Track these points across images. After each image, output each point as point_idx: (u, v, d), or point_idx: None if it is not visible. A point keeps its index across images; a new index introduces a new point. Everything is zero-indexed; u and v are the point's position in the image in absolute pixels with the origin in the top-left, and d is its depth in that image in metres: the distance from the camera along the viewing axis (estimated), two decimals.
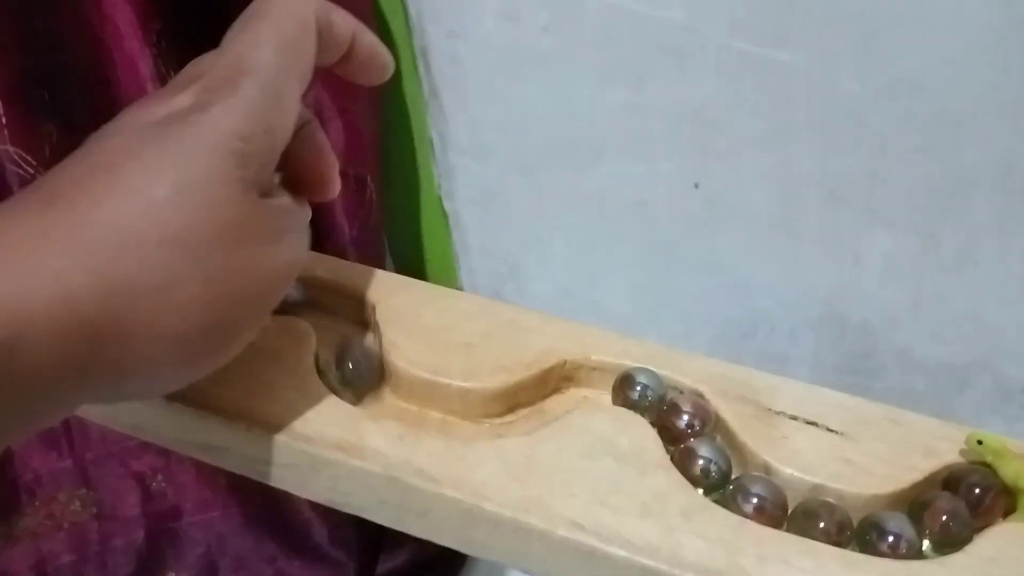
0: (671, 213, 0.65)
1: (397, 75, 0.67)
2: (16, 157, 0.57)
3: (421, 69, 0.65)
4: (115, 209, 0.25)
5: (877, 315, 0.64)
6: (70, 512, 0.68)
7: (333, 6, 0.32)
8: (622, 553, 0.28)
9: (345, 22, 0.33)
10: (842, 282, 0.64)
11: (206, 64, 0.30)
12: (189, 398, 0.31)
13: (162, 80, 0.54)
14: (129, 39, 0.52)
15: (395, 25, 0.64)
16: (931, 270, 0.61)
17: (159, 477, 0.69)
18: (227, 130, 0.27)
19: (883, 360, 0.66)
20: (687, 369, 0.35)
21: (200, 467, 0.68)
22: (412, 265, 0.76)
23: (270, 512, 0.71)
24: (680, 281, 0.67)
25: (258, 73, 0.28)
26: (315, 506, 0.70)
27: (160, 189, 0.25)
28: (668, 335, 0.70)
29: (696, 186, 0.63)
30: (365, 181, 0.62)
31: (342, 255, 0.63)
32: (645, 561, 0.28)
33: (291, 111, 0.30)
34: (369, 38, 0.34)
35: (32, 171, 0.57)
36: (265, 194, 0.28)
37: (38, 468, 0.67)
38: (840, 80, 0.56)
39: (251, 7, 0.31)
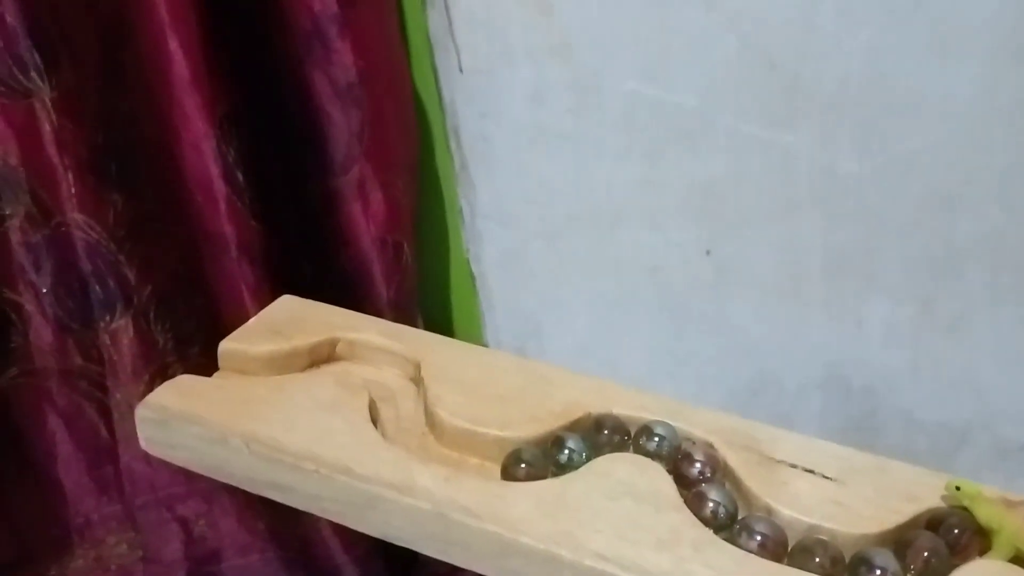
0: (684, 279, 0.69)
1: (430, 150, 0.73)
2: (83, 224, 0.62)
3: (453, 145, 0.71)
4: None
5: (879, 377, 0.68)
6: (117, 555, 0.72)
7: None
8: None
9: None
10: (845, 345, 0.67)
11: None
12: (264, 442, 0.36)
13: (223, 158, 0.59)
14: (195, 120, 0.58)
15: (430, 106, 0.70)
16: (928, 335, 0.65)
17: (202, 522, 0.72)
18: None
19: (886, 420, 0.70)
20: (699, 422, 0.39)
21: (241, 512, 0.72)
22: (441, 323, 0.80)
23: (305, 557, 0.74)
24: (693, 342, 0.72)
25: None
26: (348, 551, 0.74)
27: None
28: (682, 393, 0.73)
29: (708, 253, 0.68)
30: (402, 247, 0.67)
31: (379, 315, 0.68)
32: None
33: None
34: None
35: (96, 237, 0.62)
36: None
37: (90, 513, 0.71)
38: (840, 160, 0.61)
39: None
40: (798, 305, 0.67)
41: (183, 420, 0.37)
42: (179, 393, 0.38)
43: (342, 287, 0.67)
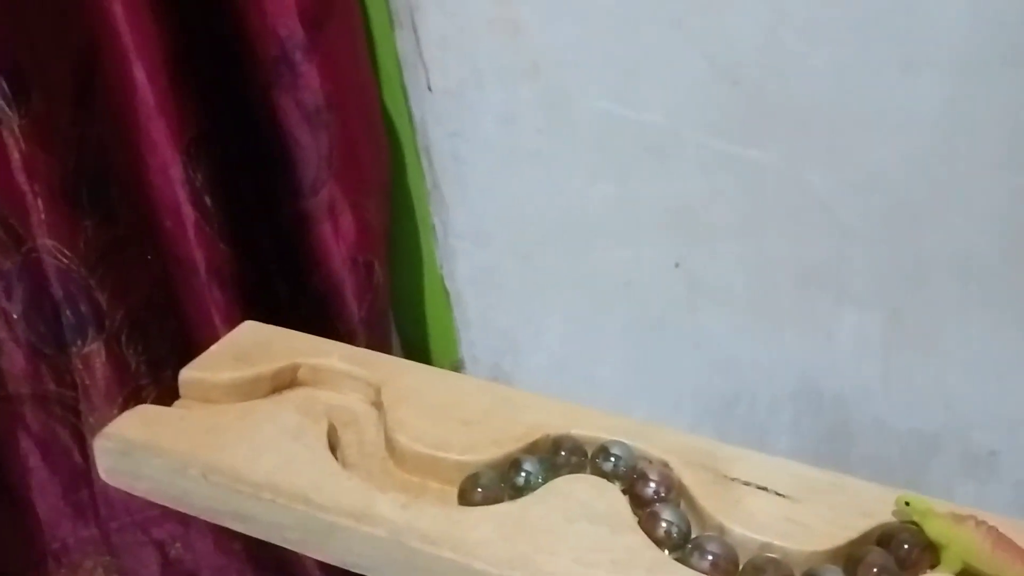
0: (656, 294, 0.70)
1: (402, 170, 0.73)
2: (53, 250, 0.62)
3: (424, 164, 0.71)
4: None
5: (850, 387, 0.69)
6: None
7: None
8: None
9: None
10: (817, 357, 0.68)
11: None
12: (223, 472, 0.36)
13: (190, 184, 0.60)
14: (162, 146, 0.58)
15: (400, 125, 0.71)
16: (898, 346, 0.65)
17: (178, 544, 0.73)
18: None
19: (858, 430, 0.70)
20: (658, 441, 0.40)
21: (217, 535, 0.72)
22: (416, 341, 0.81)
23: None
24: (666, 356, 0.72)
25: None
26: (325, 571, 0.74)
27: None
28: (656, 406, 0.74)
29: (676, 265, 0.68)
30: (373, 266, 0.67)
31: (352, 334, 0.68)
32: None
33: None
34: None
35: (67, 262, 0.62)
36: None
37: (65, 536, 0.71)
38: (808, 174, 0.62)
39: None
40: (769, 318, 0.68)
41: (143, 451, 0.37)
42: (140, 423, 0.39)
43: (315, 308, 0.68)
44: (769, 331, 0.68)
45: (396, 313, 0.77)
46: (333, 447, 0.39)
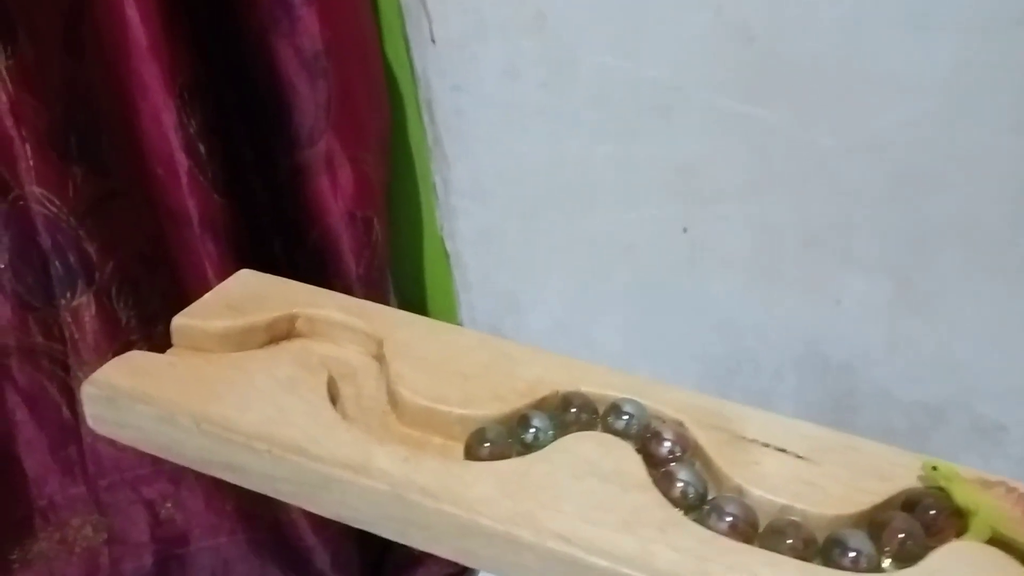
0: (659, 256, 0.68)
1: (403, 124, 0.71)
2: (42, 198, 0.60)
3: (426, 119, 0.69)
4: None
5: (856, 355, 0.68)
6: (82, 537, 0.71)
7: None
8: (603, 563, 0.31)
9: None
10: (823, 323, 0.67)
11: None
12: (215, 422, 0.35)
13: (184, 130, 0.58)
14: (154, 91, 0.56)
15: (402, 77, 0.69)
16: (905, 313, 0.64)
17: (168, 504, 0.71)
18: None
19: (863, 399, 0.69)
20: (669, 400, 0.38)
21: (209, 494, 0.71)
22: (415, 301, 0.79)
23: (275, 539, 0.73)
24: (669, 320, 0.71)
25: None
26: (318, 532, 0.73)
27: None
28: (657, 371, 0.73)
29: (685, 231, 0.67)
30: (372, 222, 0.65)
31: (349, 292, 0.67)
32: (624, 570, 0.31)
33: None
34: None
35: (56, 211, 0.61)
36: None
37: (53, 494, 0.69)
38: (816, 136, 0.60)
39: None
40: (774, 283, 0.66)
41: (131, 398, 0.36)
42: (128, 370, 0.37)
43: (311, 263, 0.66)
44: (774, 296, 0.67)
45: (394, 273, 0.75)
46: (332, 400, 0.37)
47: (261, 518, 0.72)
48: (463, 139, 0.69)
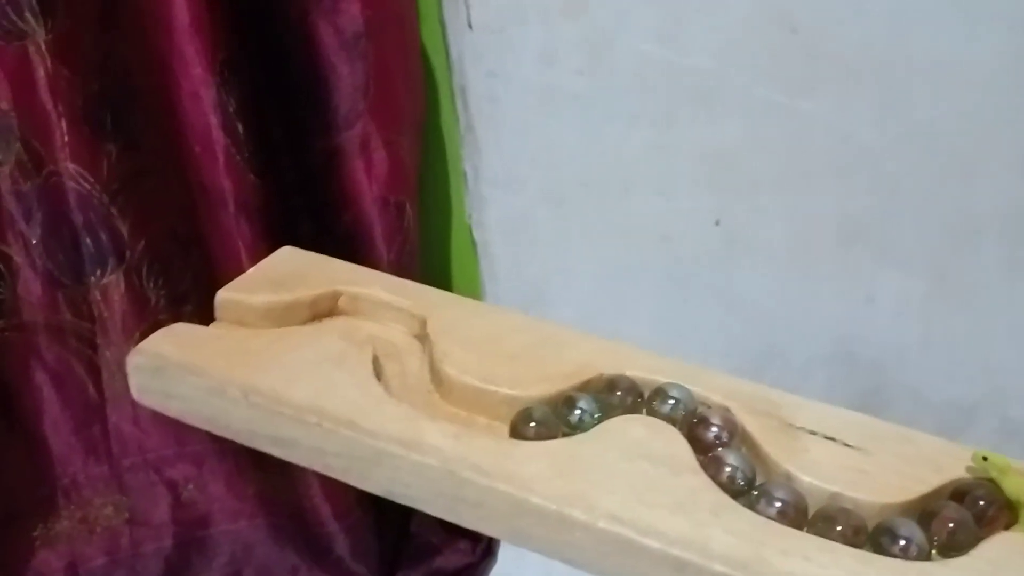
0: (692, 248, 0.68)
1: (435, 110, 0.71)
2: (75, 174, 0.60)
3: (459, 105, 0.69)
4: None
5: (887, 353, 0.67)
6: (103, 516, 0.71)
7: None
8: (656, 544, 0.31)
9: None
10: (854, 320, 0.66)
11: None
12: (264, 393, 0.34)
13: (223, 108, 0.57)
14: (194, 67, 0.56)
15: (436, 63, 0.68)
16: (941, 311, 0.64)
17: (191, 486, 0.71)
18: None
19: (892, 397, 0.69)
20: (715, 386, 0.38)
21: (231, 478, 0.70)
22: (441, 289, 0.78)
23: (295, 524, 0.73)
24: (699, 313, 0.70)
25: None
26: (338, 519, 0.73)
27: None
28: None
29: (717, 223, 0.66)
30: (404, 208, 0.65)
31: None
32: (677, 552, 0.30)
33: None
34: None
35: (89, 188, 0.60)
36: None
37: (76, 473, 0.69)
38: (858, 127, 0.59)
39: None
40: (808, 277, 0.66)
41: (179, 368, 0.35)
42: (175, 341, 0.37)
43: (342, 247, 0.66)
44: (807, 290, 0.67)
45: (421, 262, 0.75)
46: (377, 377, 0.37)
47: (282, 503, 0.71)
48: (496, 126, 0.69)
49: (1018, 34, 0.53)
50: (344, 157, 0.62)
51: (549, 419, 0.36)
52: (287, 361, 0.36)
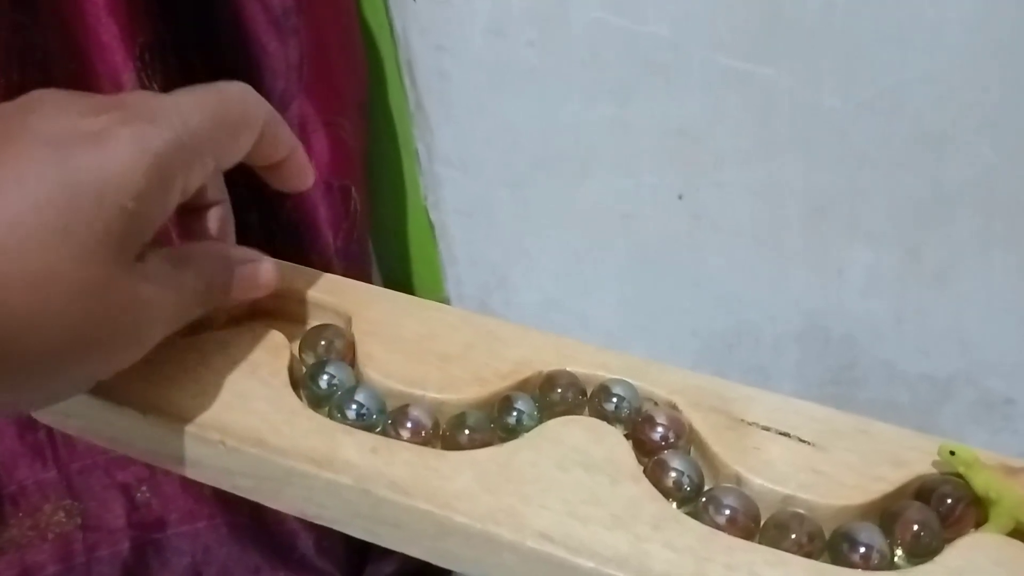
0: (656, 227, 0.65)
1: (382, 87, 0.68)
2: None
3: (407, 81, 0.66)
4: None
5: (860, 328, 0.65)
6: (55, 522, 0.68)
7: (283, 122, 0.34)
8: (590, 564, 0.28)
9: (288, 139, 0.34)
10: (825, 295, 0.64)
11: (134, 98, 0.30)
12: (166, 410, 0.32)
13: None
14: (112, 52, 0.53)
15: (380, 37, 0.65)
16: (913, 284, 0.61)
17: (144, 488, 0.69)
18: (123, 182, 0.27)
19: (866, 372, 0.67)
20: (662, 381, 0.35)
21: (185, 478, 0.68)
22: (399, 276, 0.76)
23: (255, 523, 0.71)
24: (666, 293, 0.68)
25: (183, 128, 0.28)
26: (299, 518, 0.70)
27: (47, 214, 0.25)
28: (654, 346, 0.70)
29: (680, 198, 0.63)
30: (349, 192, 0.62)
31: (327, 266, 0.63)
32: (613, 572, 0.28)
33: (192, 182, 0.30)
34: (301, 158, 0.36)
35: None
36: (138, 256, 0.28)
37: (23, 479, 0.67)
38: (823, 96, 0.57)
39: (213, 84, 0.31)
40: (776, 253, 0.63)
41: None
42: None
43: (288, 235, 0.63)
44: (775, 267, 0.64)
45: (376, 248, 0.72)
46: (295, 384, 0.34)
47: (240, 502, 0.69)
48: (447, 103, 0.66)
49: None
50: None
51: (483, 425, 0.33)
52: (193, 370, 0.33)
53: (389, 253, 0.75)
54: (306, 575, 0.72)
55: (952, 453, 0.31)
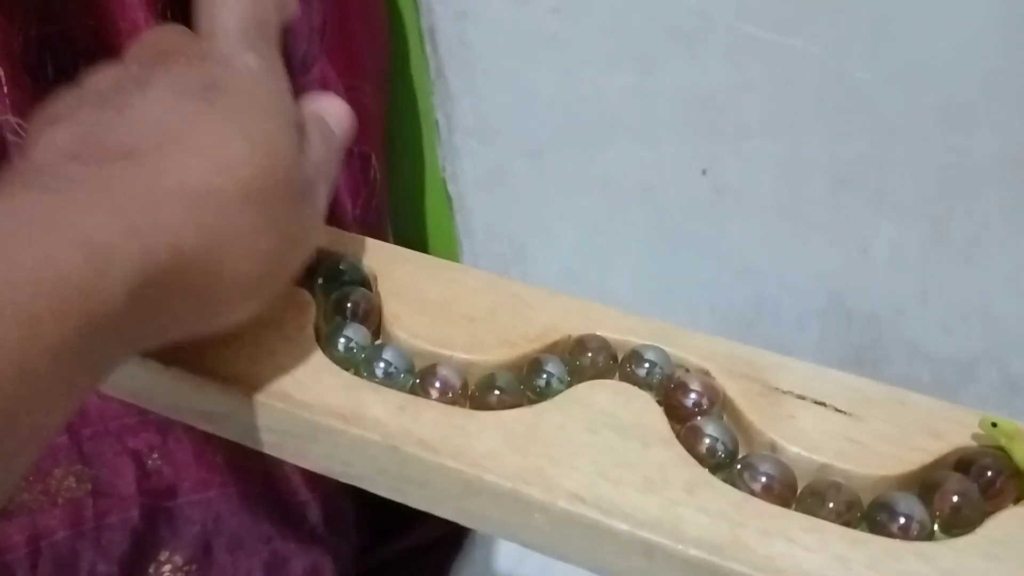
0: (678, 198, 0.64)
1: (403, 54, 0.67)
2: (16, 126, 0.56)
3: (428, 49, 0.65)
4: (198, 169, 0.27)
5: (883, 305, 0.64)
6: (65, 488, 0.68)
7: None
8: (624, 527, 0.27)
9: None
10: (849, 271, 0.63)
11: (187, 40, 0.33)
12: (189, 363, 0.31)
13: None
14: (134, 8, 0.52)
15: (403, 2, 0.64)
16: (939, 261, 0.60)
17: (155, 455, 0.68)
18: (276, 90, 0.31)
19: (888, 351, 0.66)
20: (693, 347, 0.34)
21: (197, 446, 0.67)
22: (415, 246, 0.74)
23: (267, 493, 0.70)
24: (686, 267, 0.67)
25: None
26: (312, 488, 0.70)
27: (235, 150, 0.28)
28: (673, 320, 0.69)
29: (704, 172, 0.62)
30: (369, 159, 0.61)
31: None
32: (646, 535, 0.27)
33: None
34: None
35: None
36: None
37: None
38: (850, 67, 0.55)
39: None
40: (800, 227, 0.62)
41: None
42: None
43: None
44: (798, 241, 0.63)
45: (392, 218, 0.71)
46: (320, 343, 0.33)
47: (253, 471, 0.68)
48: (468, 71, 0.64)
49: None
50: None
51: (513, 386, 0.33)
52: None
53: (406, 225, 0.74)
54: (316, 547, 0.72)
55: (994, 425, 0.31)
